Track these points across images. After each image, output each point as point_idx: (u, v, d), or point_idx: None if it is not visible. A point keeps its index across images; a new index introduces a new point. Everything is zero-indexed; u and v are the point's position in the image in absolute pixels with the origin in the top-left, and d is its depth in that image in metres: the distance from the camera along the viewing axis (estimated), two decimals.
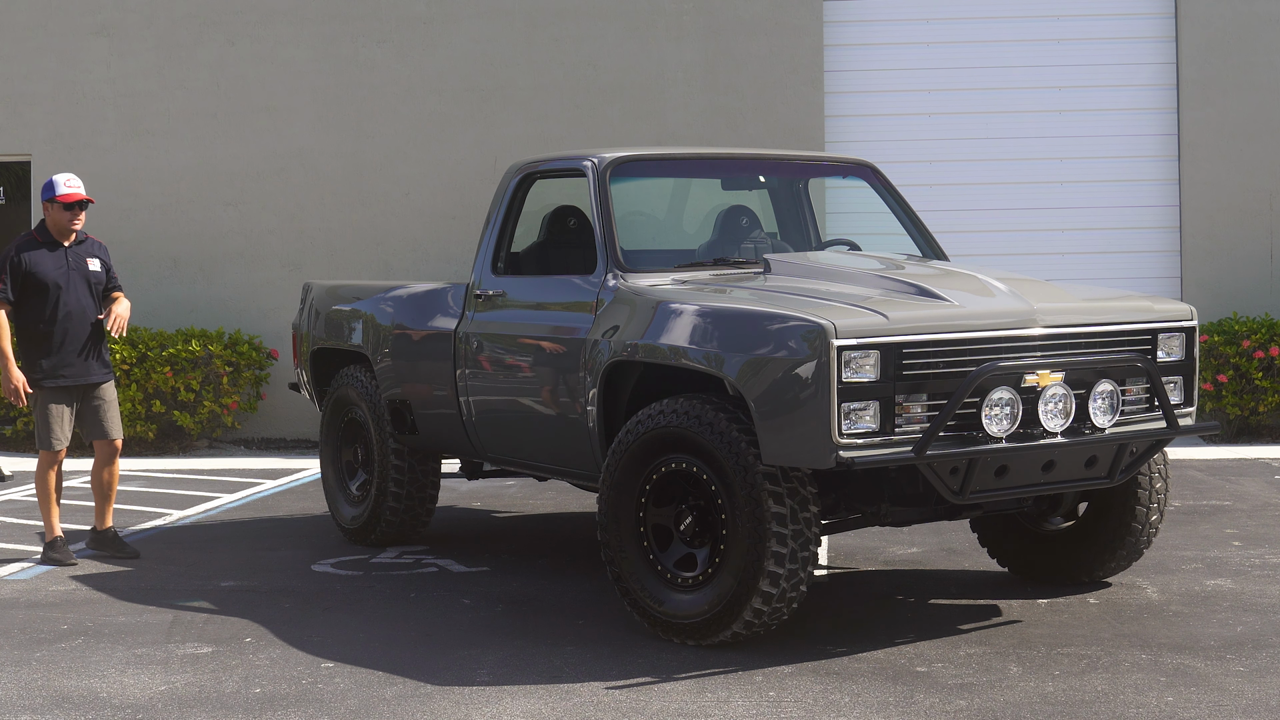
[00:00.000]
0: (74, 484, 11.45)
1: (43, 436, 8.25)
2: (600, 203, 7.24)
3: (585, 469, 7.24)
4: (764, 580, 6.07)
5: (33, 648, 6.51)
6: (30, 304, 8.17)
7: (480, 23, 14.01)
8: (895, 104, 13.98)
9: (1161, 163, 13.88)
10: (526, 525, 9.64)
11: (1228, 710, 5.43)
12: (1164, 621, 6.71)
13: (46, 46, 14.18)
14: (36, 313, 8.16)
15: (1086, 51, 13.93)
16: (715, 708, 5.53)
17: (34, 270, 8.14)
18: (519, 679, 5.93)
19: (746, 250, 7.72)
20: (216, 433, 13.76)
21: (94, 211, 14.11)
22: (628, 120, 13.84)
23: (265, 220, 14.08)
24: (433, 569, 8.12)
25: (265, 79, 14.10)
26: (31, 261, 8.15)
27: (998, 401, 6.06)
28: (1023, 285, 6.63)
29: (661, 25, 13.91)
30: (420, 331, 8.25)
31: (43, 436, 8.25)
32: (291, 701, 5.69)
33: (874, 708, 5.51)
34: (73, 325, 8.19)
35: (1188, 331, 6.77)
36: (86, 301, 8.25)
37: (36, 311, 8.16)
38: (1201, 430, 6.77)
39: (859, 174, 8.25)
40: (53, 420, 8.21)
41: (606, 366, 6.81)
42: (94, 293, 8.30)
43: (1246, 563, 7.93)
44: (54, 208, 8.22)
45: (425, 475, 8.66)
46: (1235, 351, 12.89)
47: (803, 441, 5.92)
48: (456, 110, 14.00)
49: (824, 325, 5.88)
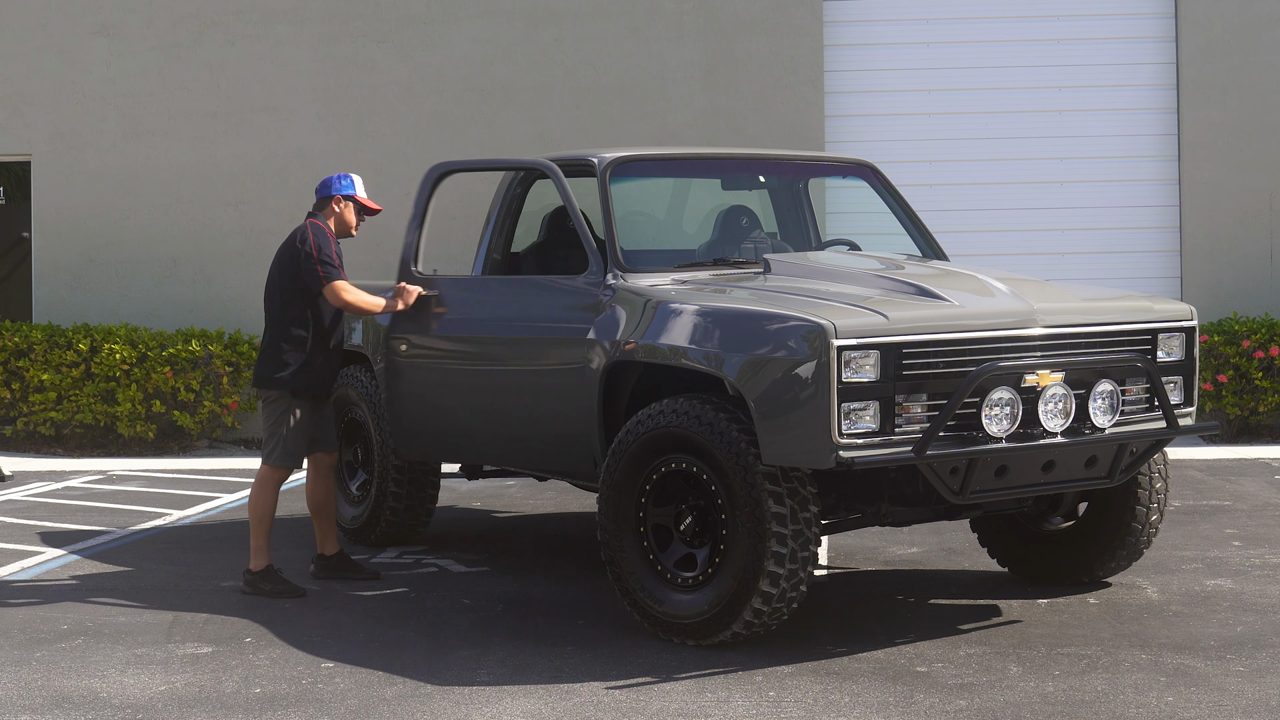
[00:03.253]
0: (74, 484, 11.45)
1: (288, 450, 7.48)
2: (600, 202, 7.24)
3: (585, 469, 7.24)
4: (764, 580, 6.07)
5: (33, 648, 6.51)
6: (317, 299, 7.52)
7: (480, 23, 14.02)
8: (895, 104, 13.98)
9: (1161, 163, 13.88)
10: (526, 525, 9.64)
11: (1228, 710, 5.43)
12: (1164, 621, 6.71)
13: (46, 46, 14.18)
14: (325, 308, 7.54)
15: (1086, 51, 13.92)
16: (715, 708, 5.53)
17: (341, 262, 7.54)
18: (519, 679, 5.93)
19: (746, 250, 7.72)
20: (216, 433, 13.76)
21: (93, 212, 14.17)
22: (628, 120, 13.84)
23: (265, 220, 14.07)
24: (433, 569, 8.12)
25: (265, 79, 14.10)
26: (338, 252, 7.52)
27: (998, 401, 6.06)
28: (1023, 285, 6.63)
29: (661, 25, 13.91)
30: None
31: (288, 450, 7.48)
32: (291, 701, 5.69)
33: (874, 708, 5.51)
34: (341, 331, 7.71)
35: (1188, 331, 6.77)
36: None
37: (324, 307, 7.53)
38: (1201, 430, 6.77)
39: (859, 174, 8.25)
40: (300, 432, 7.51)
41: (606, 366, 6.81)
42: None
43: (1246, 563, 7.93)
44: (351, 207, 7.66)
45: (425, 475, 8.65)
46: (1235, 351, 12.88)
47: (803, 441, 5.92)
48: (456, 110, 14.00)
49: (824, 325, 5.88)
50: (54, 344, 13.36)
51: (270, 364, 7.49)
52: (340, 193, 7.67)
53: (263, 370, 7.51)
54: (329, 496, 7.77)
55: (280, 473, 7.53)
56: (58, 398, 13.37)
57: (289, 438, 7.49)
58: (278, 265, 7.61)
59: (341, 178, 7.71)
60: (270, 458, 7.50)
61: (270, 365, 7.49)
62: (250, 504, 7.55)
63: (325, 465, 7.71)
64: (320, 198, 7.70)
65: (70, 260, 14.12)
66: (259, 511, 7.50)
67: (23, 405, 13.51)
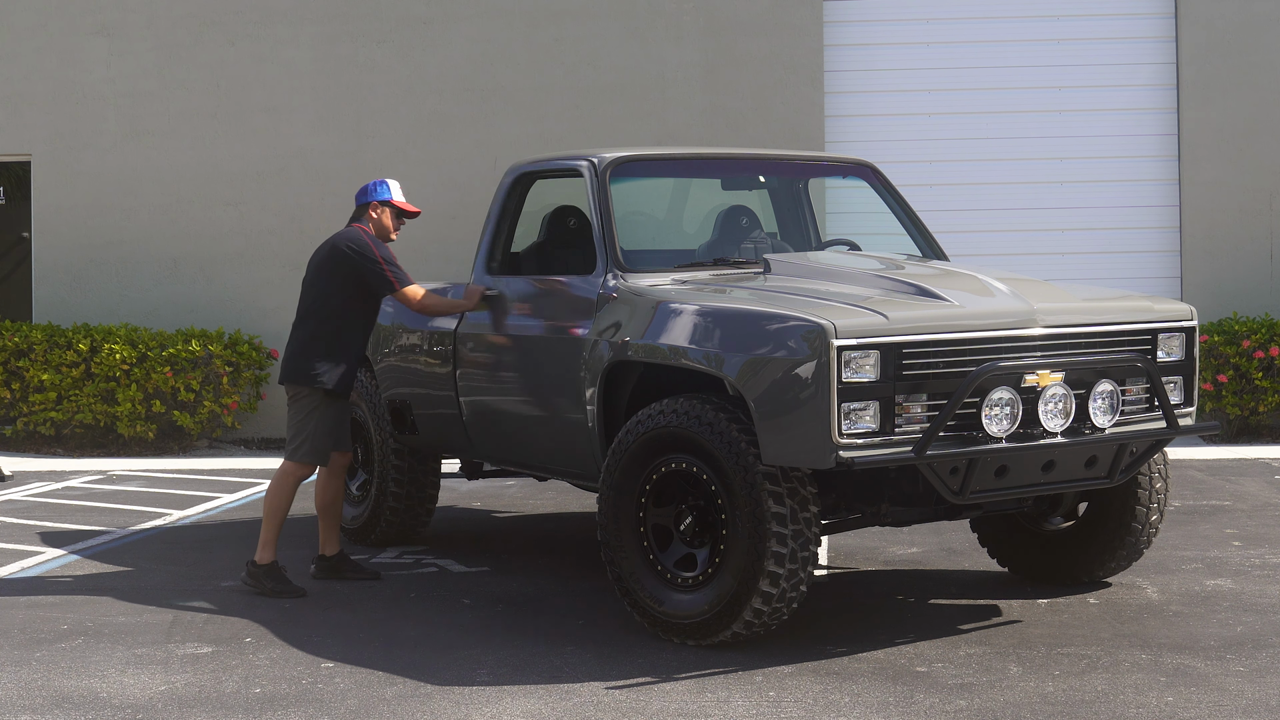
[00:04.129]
0: (74, 484, 11.45)
1: (316, 448, 7.53)
2: (600, 203, 7.25)
3: (585, 469, 7.24)
4: (764, 580, 6.07)
5: (33, 648, 6.51)
6: (365, 308, 7.62)
7: (480, 23, 14.02)
8: (895, 104, 13.98)
9: (1161, 163, 13.88)
10: (526, 525, 9.64)
11: (1228, 710, 5.43)
12: (1164, 621, 6.71)
13: (46, 46, 14.18)
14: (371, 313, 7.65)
15: (1086, 51, 13.92)
16: (715, 708, 5.53)
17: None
18: (519, 679, 5.93)
19: (746, 250, 7.72)
20: (216, 433, 13.76)
21: (93, 212, 14.17)
22: (628, 120, 13.84)
23: (265, 220, 14.08)
24: (433, 569, 8.12)
25: (265, 79, 14.10)
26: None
27: (998, 401, 6.06)
28: (1023, 285, 6.63)
29: (661, 25, 13.91)
30: (420, 331, 8.26)
31: (316, 448, 7.53)
32: (291, 701, 5.69)
33: (874, 708, 5.51)
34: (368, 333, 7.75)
35: (1188, 331, 6.77)
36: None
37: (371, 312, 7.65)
38: (1201, 430, 6.77)
39: (859, 174, 8.25)
40: (329, 431, 7.56)
41: (606, 366, 6.81)
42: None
43: (1246, 563, 7.93)
44: (388, 212, 7.69)
45: (425, 475, 8.66)
46: (1235, 351, 12.88)
47: (803, 441, 5.92)
48: (456, 110, 14.00)
49: (824, 325, 5.88)
50: (54, 344, 13.36)
51: (306, 361, 7.52)
52: (377, 198, 7.72)
53: (299, 367, 7.54)
54: (338, 496, 7.82)
55: (305, 469, 7.57)
56: (58, 398, 13.37)
57: (317, 435, 7.54)
58: (317, 268, 7.65)
59: (379, 184, 7.76)
60: (296, 454, 7.55)
61: (307, 363, 7.52)
62: (267, 497, 7.58)
63: (340, 465, 7.78)
64: (359, 204, 7.75)
65: (70, 260, 14.12)
66: (275, 505, 7.54)
67: (23, 405, 13.51)
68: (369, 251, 7.50)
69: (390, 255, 7.56)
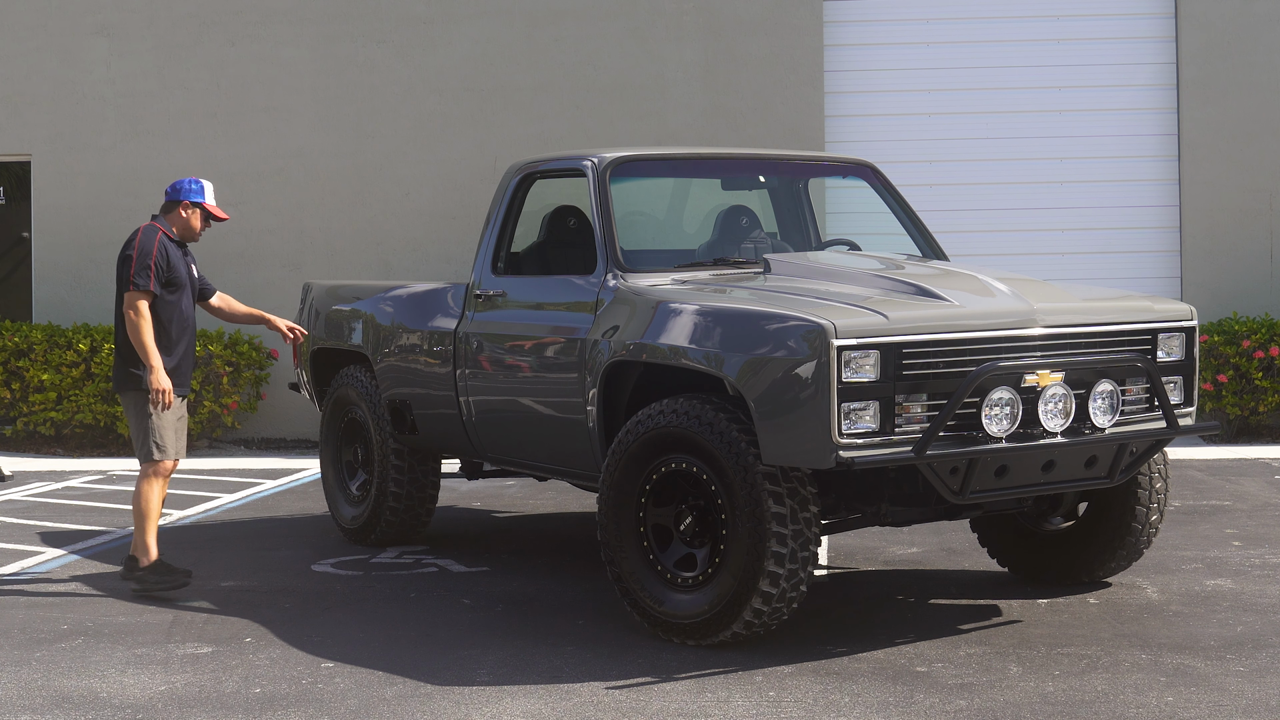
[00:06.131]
0: (74, 484, 11.45)
1: (160, 445, 7.51)
2: (600, 203, 7.25)
3: (585, 469, 7.24)
4: (764, 580, 6.07)
5: (33, 648, 6.51)
6: (165, 304, 7.55)
7: (480, 23, 14.02)
8: (895, 104, 13.98)
9: (1161, 163, 13.88)
10: (526, 525, 9.64)
11: (1228, 710, 5.43)
12: (1164, 621, 6.71)
13: (46, 46, 14.18)
14: (169, 314, 7.56)
15: (1086, 51, 13.93)
16: (715, 708, 5.53)
17: (175, 267, 7.57)
18: (519, 679, 5.93)
19: (746, 250, 7.72)
20: (216, 433, 13.76)
21: (93, 212, 14.17)
22: (628, 120, 13.84)
23: (265, 220, 14.08)
24: (433, 569, 8.12)
25: (265, 79, 14.10)
26: (174, 258, 7.57)
27: (998, 401, 6.06)
28: (1023, 285, 6.63)
29: (661, 25, 13.91)
30: (420, 331, 8.26)
31: (160, 445, 7.51)
32: (291, 701, 5.69)
33: (874, 708, 5.52)
34: (189, 332, 7.68)
35: (1188, 331, 6.77)
36: (192, 308, 7.76)
37: (169, 313, 7.56)
38: (1201, 430, 6.77)
39: (859, 174, 8.25)
40: (175, 428, 7.55)
41: (606, 366, 6.81)
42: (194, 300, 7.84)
43: (1246, 563, 7.93)
44: (195, 213, 7.69)
45: (425, 475, 8.66)
46: (1235, 351, 12.89)
47: (803, 441, 5.92)
48: (456, 110, 14.00)
49: (824, 325, 5.88)
50: (54, 344, 13.37)
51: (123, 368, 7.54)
52: (190, 198, 7.73)
53: (119, 375, 7.58)
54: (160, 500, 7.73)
55: (163, 466, 7.53)
56: (58, 398, 13.37)
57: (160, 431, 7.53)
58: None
59: (194, 182, 7.77)
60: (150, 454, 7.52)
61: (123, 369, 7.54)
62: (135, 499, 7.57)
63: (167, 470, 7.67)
64: (169, 200, 7.75)
65: (70, 260, 14.12)
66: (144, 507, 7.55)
67: (23, 405, 13.52)
68: (132, 243, 7.50)
69: (153, 256, 7.45)
